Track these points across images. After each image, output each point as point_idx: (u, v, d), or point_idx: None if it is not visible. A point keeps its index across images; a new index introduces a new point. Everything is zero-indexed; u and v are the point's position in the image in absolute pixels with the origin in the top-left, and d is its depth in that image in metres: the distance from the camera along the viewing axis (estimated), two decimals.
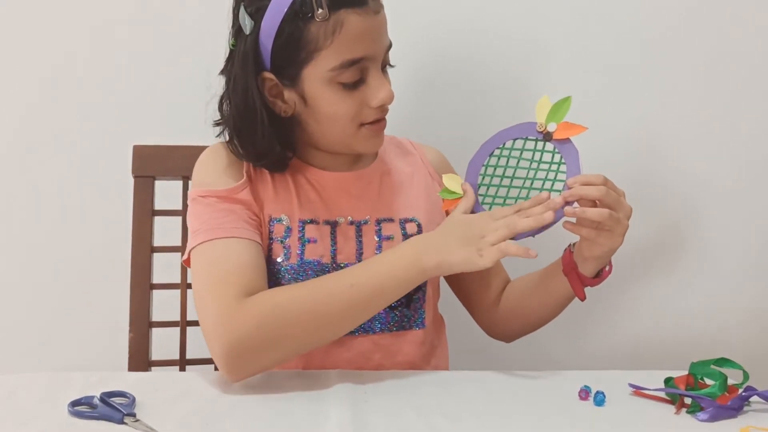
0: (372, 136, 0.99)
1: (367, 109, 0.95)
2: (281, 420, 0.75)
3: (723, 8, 1.41)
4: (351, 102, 0.94)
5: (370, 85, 0.94)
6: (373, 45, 0.93)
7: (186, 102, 1.29)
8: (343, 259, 0.98)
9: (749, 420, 0.80)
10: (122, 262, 1.14)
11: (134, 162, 1.15)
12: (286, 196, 0.99)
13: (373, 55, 0.94)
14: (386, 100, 0.95)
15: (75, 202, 1.29)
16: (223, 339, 0.83)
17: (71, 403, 0.74)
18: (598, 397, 0.83)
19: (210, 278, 0.89)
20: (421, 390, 0.86)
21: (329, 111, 0.95)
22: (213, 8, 1.30)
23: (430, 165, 1.12)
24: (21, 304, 1.29)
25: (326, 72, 0.92)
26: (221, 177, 0.97)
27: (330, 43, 0.90)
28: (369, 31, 0.92)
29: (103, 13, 1.27)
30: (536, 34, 1.38)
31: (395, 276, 0.88)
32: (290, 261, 0.96)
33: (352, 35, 0.90)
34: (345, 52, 0.91)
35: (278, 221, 0.97)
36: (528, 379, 0.92)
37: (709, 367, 0.87)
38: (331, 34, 0.90)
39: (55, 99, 1.27)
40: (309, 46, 0.91)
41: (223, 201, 0.94)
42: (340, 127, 0.96)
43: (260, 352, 0.84)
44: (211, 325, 0.85)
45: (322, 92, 0.94)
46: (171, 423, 0.72)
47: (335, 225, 0.99)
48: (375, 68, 0.95)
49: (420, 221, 1.04)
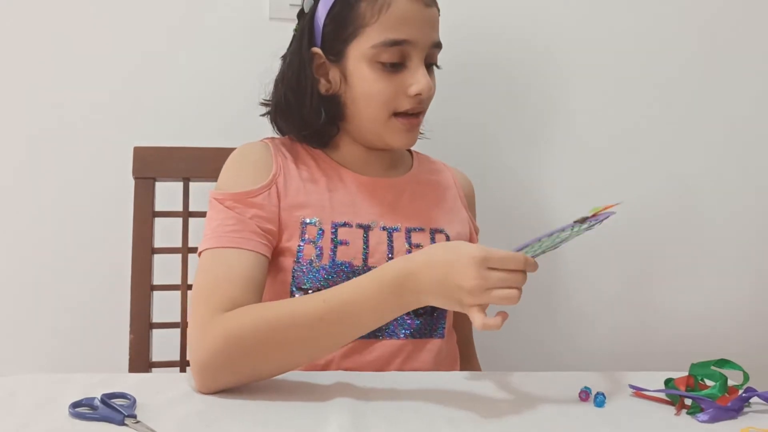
0: (404, 130, 0.99)
1: (403, 96, 0.97)
2: (282, 421, 0.75)
3: (724, 8, 1.41)
4: (387, 84, 0.96)
5: (409, 73, 0.96)
6: (417, 31, 0.95)
7: (186, 103, 1.30)
8: (374, 263, 0.98)
9: (749, 421, 0.80)
10: (123, 263, 1.14)
11: (135, 163, 1.15)
12: (320, 199, 1.00)
13: (416, 41, 0.96)
14: (423, 90, 0.96)
15: (76, 203, 1.29)
16: (195, 354, 0.83)
17: (72, 405, 0.74)
18: (599, 398, 0.83)
19: (199, 288, 0.89)
20: (422, 390, 0.86)
21: (366, 90, 0.97)
22: (214, 10, 1.31)
23: (461, 189, 1.13)
24: (22, 305, 1.29)
25: (368, 49, 0.95)
26: (243, 177, 0.98)
27: (375, 21, 0.94)
28: (415, 17, 0.95)
29: (104, 15, 1.27)
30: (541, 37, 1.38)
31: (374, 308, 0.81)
32: (322, 262, 0.96)
33: (397, 16, 0.94)
34: (388, 31, 0.94)
35: (311, 223, 0.97)
36: (528, 379, 0.92)
37: (709, 368, 0.87)
38: (378, 12, 0.94)
39: (56, 100, 1.27)
40: (356, 21, 0.96)
41: (237, 204, 0.94)
42: (374, 109, 0.98)
43: (228, 370, 0.82)
44: (190, 335, 0.85)
45: (362, 70, 0.97)
46: (171, 424, 0.72)
47: (368, 229, 1.00)
48: (417, 57, 0.96)
49: (449, 234, 1.05)
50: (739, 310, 1.46)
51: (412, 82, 0.96)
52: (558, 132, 1.41)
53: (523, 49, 1.38)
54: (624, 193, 1.42)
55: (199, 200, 1.14)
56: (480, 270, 0.74)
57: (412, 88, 0.96)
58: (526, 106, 1.40)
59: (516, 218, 1.40)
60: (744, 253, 1.45)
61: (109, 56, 1.28)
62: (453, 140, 1.33)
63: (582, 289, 1.43)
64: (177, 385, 0.84)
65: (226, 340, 0.81)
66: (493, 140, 1.39)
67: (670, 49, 1.41)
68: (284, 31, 1.07)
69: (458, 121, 1.35)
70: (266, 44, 1.19)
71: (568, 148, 1.41)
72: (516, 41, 1.38)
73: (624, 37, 1.40)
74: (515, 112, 1.40)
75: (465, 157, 1.34)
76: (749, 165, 1.44)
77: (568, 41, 1.39)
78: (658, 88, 1.42)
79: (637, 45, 1.40)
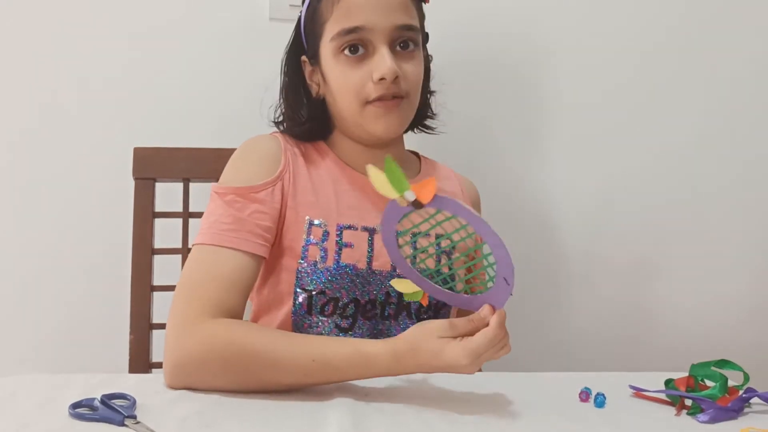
0: (380, 115, 0.98)
1: (370, 84, 0.96)
2: (282, 421, 0.75)
3: (724, 9, 1.41)
4: (354, 75, 0.97)
5: (372, 60, 0.96)
6: (371, 16, 0.95)
7: (186, 104, 1.30)
8: (378, 266, 0.98)
9: (749, 421, 0.80)
10: (123, 263, 1.14)
11: (135, 164, 1.15)
12: (326, 201, 1.00)
13: (371, 26, 0.95)
14: (386, 74, 0.94)
15: (76, 204, 1.29)
16: (171, 352, 0.83)
17: (72, 405, 0.74)
18: (599, 398, 0.83)
19: (185, 283, 0.89)
20: (422, 391, 0.86)
21: (339, 84, 0.98)
22: (214, 11, 1.31)
23: (468, 197, 1.13)
24: (22, 306, 1.29)
25: (329, 42, 0.97)
26: (248, 172, 0.98)
27: (331, 14, 0.96)
28: (367, 3, 0.96)
29: (104, 16, 1.27)
30: (539, 36, 1.38)
31: (360, 376, 0.83)
32: (327, 263, 0.96)
33: (349, 5, 0.95)
34: (341, 21, 0.96)
35: (317, 225, 0.98)
36: (528, 380, 0.92)
37: (709, 368, 0.87)
38: (332, 5, 0.96)
39: (56, 102, 1.27)
40: (320, 19, 0.98)
41: (239, 199, 0.94)
42: (347, 101, 0.98)
43: (200, 378, 0.83)
44: (168, 332, 0.85)
45: (332, 65, 0.98)
46: (171, 425, 0.72)
47: (372, 232, 1.00)
48: (379, 42, 0.96)
49: (453, 239, 1.04)
50: (739, 310, 1.46)
51: (375, 68, 0.95)
52: (559, 132, 1.41)
53: (524, 50, 1.38)
54: (624, 193, 1.42)
55: (199, 201, 1.14)
56: (465, 349, 0.77)
57: (375, 74, 0.95)
58: (527, 106, 1.40)
59: (517, 219, 1.40)
60: (744, 254, 1.45)
61: (109, 57, 1.28)
62: (453, 141, 1.33)
63: (582, 289, 1.43)
64: (177, 386, 0.84)
65: (208, 349, 0.82)
66: (494, 141, 1.39)
67: (674, 48, 1.41)
68: (284, 32, 1.07)
69: (459, 120, 1.35)
70: (266, 45, 1.19)
71: (569, 149, 1.41)
72: (517, 40, 1.38)
73: (626, 36, 1.40)
74: (516, 111, 1.40)
75: (465, 158, 1.35)
76: (749, 165, 1.44)
77: (569, 41, 1.39)
78: (659, 88, 1.42)
79: (639, 45, 1.40)
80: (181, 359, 0.83)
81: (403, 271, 0.83)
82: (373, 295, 0.98)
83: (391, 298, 0.99)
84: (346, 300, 0.97)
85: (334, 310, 0.97)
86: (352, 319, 0.98)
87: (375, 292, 0.98)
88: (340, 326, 0.98)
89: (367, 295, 0.98)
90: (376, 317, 0.99)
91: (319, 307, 0.97)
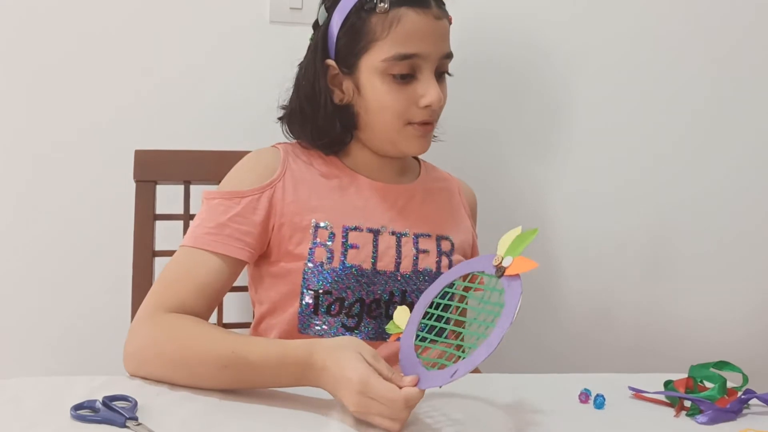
0: (417, 137, 1.01)
1: (414, 108, 0.99)
2: (282, 421, 0.75)
3: (734, 9, 1.41)
4: (399, 97, 0.98)
5: (420, 85, 0.98)
6: (426, 45, 0.97)
7: (187, 107, 1.30)
8: (382, 267, 1.00)
9: (748, 423, 0.81)
10: (124, 266, 1.15)
11: (136, 167, 1.15)
12: (332, 202, 1.01)
13: (426, 54, 0.97)
14: (434, 102, 0.98)
15: (77, 206, 1.29)
16: (127, 341, 0.88)
17: (73, 407, 0.74)
18: (598, 400, 0.83)
19: (159, 281, 0.94)
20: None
21: (379, 102, 0.99)
22: (214, 13, 1.31)
23: (465, 199, 1.15)
24: (23, 308, 1.29)
25: (379, 62, 0.98)
26: (239, 180, 1.01)
27: (386, 36, 0.97)
28: (425, 32, 0.97)
29: (105, 18, 1.28)
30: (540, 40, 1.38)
31: (271, 379, 0.81)
32: (333, 264, 0.98)
33: (407, 30, 0.96)
34: (398, 46, 0.96)
35: (322, 227, 0.99)
36: (528, 381, 0.92)
37: (708, 370, 0.87)
38: (389, 27, 0.97)
39: (57, 104, 1.28)
40: (368, 36, 0.98)
41: (224, 201, 0.97)
42: (387, 120, 1.00)
43: (145, 368, 0.86)
44: (131, 323, 0.91)
45: (374, 82, 0.99)
46: (173, 427, 0.72)
47: (377, 233, 1.01)
48: (428, 69, 0.98)
49: (453, 241, 1.06)
50: (739, 311, 1.46)
51: (423, 93, 0.98)
52: (559, 134, 1.41)
53: (526, 51, 1.38)
54: (626, 196, 1.42)
55: (200, 203, 1.14)
56: (360, 397, 0.72)
57: (422, 100, 0.98)
58: (529, 110, 1.40)
59: (516, 221, 1.40)
60: (744, 254, 1.45)
61: (110, 60, 1.28)
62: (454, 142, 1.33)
63: (582, 291, 1.43)
64: (178, 388, 0.84)
65: (150, 341, 0.86)
66: (496, 143, 1.39)
67: (679, 51, 1.41)
68: (285, 35, 1.08)
69: (460, 123, 1.35)
70: (267, 48, 1.20)
71: (570, 152, 1.41)
72: (519, 43, 1.38)
73: (630, 39, 1.40)
74: (518, 114, 1.40)
75: (466, 159, 1.35)
76: (753, 169, 1.45)
77: (572, 44, 1.39)
78: (665, 92, 1.42)
79: (643, 48, 1.40)
80: (130, 349, 0.87)
81: None
82: (378, 294, 1.00)
83: (394, 298, 1.00)
84: (351, 300, 0.99)
85: (340, 310, 0.99)
86: (358, 318, 0.99)
87: (379, 291, 1.00)
88: (346, 325, 0.99)
89: (372, 294, 1.00)
90: (381, 316, 1.00)
91: (325, 307, 0.98)
